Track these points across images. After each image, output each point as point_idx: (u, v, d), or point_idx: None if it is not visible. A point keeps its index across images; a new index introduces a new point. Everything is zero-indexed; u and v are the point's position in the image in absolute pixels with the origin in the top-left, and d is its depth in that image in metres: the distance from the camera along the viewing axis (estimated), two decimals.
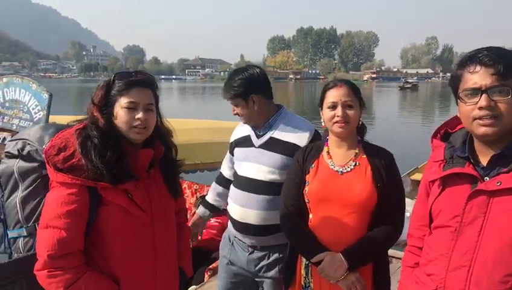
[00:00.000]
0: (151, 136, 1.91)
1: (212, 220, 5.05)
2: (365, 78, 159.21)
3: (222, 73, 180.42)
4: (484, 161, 1.55)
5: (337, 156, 2.21)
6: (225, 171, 3.00)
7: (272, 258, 2.59)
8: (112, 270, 1.82)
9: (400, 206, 2.18)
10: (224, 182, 2.98)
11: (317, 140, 2.44)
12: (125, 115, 1.81)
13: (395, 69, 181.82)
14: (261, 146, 2.59)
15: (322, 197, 2.15)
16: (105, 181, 1.74)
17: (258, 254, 2.62)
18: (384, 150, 2.24)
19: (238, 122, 2.86)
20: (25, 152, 2.28)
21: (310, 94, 66.93)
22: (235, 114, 2.64)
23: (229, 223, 2.79)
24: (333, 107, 2.14)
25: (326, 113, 2.16)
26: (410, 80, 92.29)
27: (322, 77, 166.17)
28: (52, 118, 3.54)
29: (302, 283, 2.25)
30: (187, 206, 6.02)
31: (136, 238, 1.85)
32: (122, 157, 1.79)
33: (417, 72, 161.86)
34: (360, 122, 2.23)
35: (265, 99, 2.60)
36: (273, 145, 2.55)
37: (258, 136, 2.63)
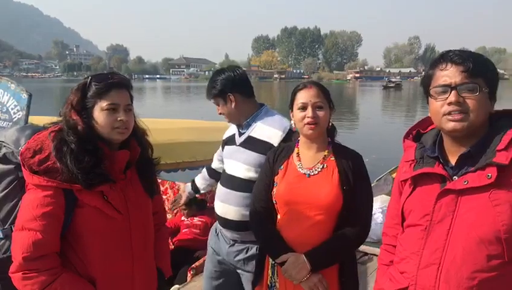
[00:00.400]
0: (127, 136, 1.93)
1: (196, 219, 5.08)
2: (349, 78, 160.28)
3: (207, 72, 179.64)
4: (453, 160, 1.60)
5: (306, 157, 2.23)
6: (215, 162, 3.14)
7: (249, 253, 2.67)
8: (88, 271, 1.82)
9: (367, 208, 2.21)
10: (211, 171, 3.18)
11: (290, 139, 2.47)
12: (106, 117, 1.82)
13: (378, 69, 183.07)
14: (241, 144, 2.68)
15: (289, 199, 2.17)
16: (80, 184, 1.75)
17: (237, 247, 2.72)
18: (353, 151, 2.27)
19: (222, 122, 2.99)
20: (0, 154, 2.25)
21: None
22: (220, 113, 2.75)
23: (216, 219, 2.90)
24: (303, 108, 2.15)
25: (296, 114, 2.18)
26: (393, 79, 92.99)
27: (307, 76, 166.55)
28: (33, 119, 3.50)
29: (268, 282, 2.29)
30: (168, 207, 6.04)
31: (113, 239, 1.86)
32: (99, 162, 1.80)
33: (400, 71, 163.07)
34: (330, 124, 2.25)
35: (244, 98, 2.68)
36: (250, 143, 2.63)
37: (240, 135, 2.72)
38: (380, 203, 4.98)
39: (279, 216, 2.23)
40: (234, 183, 2.65)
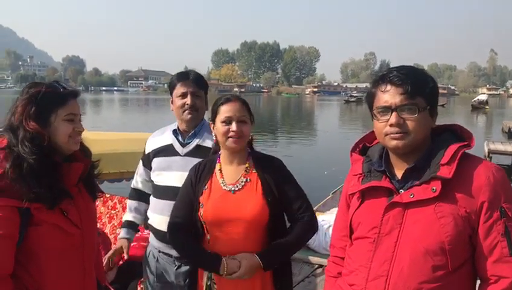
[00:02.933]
0: None
1: (145, 232, 4.92)
2: (307, 92, 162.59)
3: (165, 85, 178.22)
4: (399, 174, 1.65)
5: (228, 173, 2.25)
6: (139, 185, 2.93)
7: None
8: (40, 289, 1.75)
9: (305, 201, 2.25)
10: (140, 196, 2.93)
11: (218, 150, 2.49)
12: (66, 127, 1.78)
13: (336, 84, 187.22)
14: (187, 154, 2.60)
15: (217, 218, 2.16)
16: (42, 203, 1.67)
17: (185, 267, 2.57)
18: (272, 159, 2.32)
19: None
20: None
21: (255, 106, 67.03)
22: (192, 105, 2.60)
23: (152, 238, 2.75)
24: (228, 122, 2.17)
25: (219, 127, 2.19)
26: (354, 94, 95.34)
27: (266, 90, 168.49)
28: None
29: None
30: (118, 221, 5.88)
31: (67, 255, 1.80)
32: (59, 177, 1.75)
33: (356, 86, 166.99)
34: (251, 137, 2.30)
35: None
36: (199, 152, 2.57)
37: (183, 145, 2.64)
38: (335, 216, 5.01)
39: (208, 236, 2.21)
40: None
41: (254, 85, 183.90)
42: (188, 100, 2.58)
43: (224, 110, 2.19)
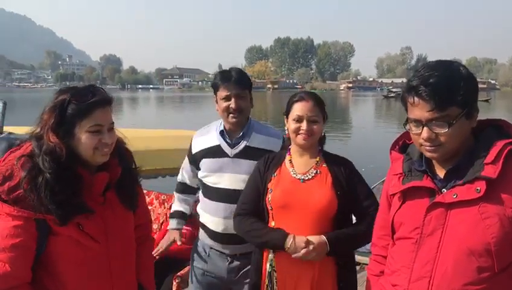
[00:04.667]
0: None
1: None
2: (341, 88, 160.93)
3: (200, 82, 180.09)
4: (441, 173, 1.60)
5: (298, 164, 2.28)
6: (186, 180, 2.96)
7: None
8: None
9: (374, 201, 2.22)
10: (188, 189, 2.99)
11: (287, 145, 2.49)
12: (89, 140, 1.67)
13: (371, 79, 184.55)
14: (237, 155, 2.60)
15: (284, 204, 2.19)
16: (54, 217, 1.62)
17: (237, 263, 2.64)
18: (343, 158, 2.33)
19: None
20: None
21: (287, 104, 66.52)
22: (236, 108, 2.56)
23: (203, 235, 2.76)
24: (299, 120, 2.19)
25: (291, 124, 2.23)
26: (394, 90, 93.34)
27: (300, 87, 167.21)
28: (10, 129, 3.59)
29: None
30: (155, 217, 5.97)
31: (89, 268, 1.74)
32: (77, 192, 1.67)
33: (392, 81, 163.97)
34: (322, 134, 2.30)
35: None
36: (248, 153, 2.58)
37: (231, 146, 2.63)
38: None
39: (273, 223, 2.23)
40: (235, 196, 2.49)
41: (287, 81, 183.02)
42: (232, 103, 2.55)
43: (296, 109, 2.22)
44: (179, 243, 2.89)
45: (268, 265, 2.23)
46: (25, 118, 3.46)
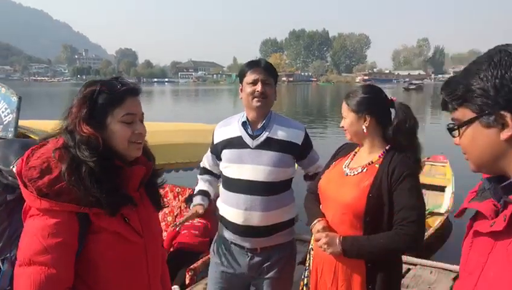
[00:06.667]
0: None
1: (195, 221, 4.94)
2: (357, 80, 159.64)
3: (215, 76, 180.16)
4: None
5: (358, 159, 2.32)
6: (208, 167, 2.94)
7: (272, 259, 2.63)
8: None
9: (415, 216, 2.05)
10: (210, 172, 2.95)
11: (308, 137, 2.70)
12: (123, 130, 1.58)
13: (387, 71, 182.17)
14: (258, 146, 2.59)
15: (323, 192, 2.33)
16: (102, 209, 1.51)
17: (258, 258, 2.63)
18: (404, 164, 2.13)
19: (212, 125, 2.92)
20: None
21: (303, 96, 66.99)
22: (262, 93, 2.57)
23: (222, 229, 2.73)
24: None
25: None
26: (414, 82, 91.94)
27: (315, 79, 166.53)
28: (25, 123, 3.59)
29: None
30: (170, 209, 6.01)
31: (129, 267, 1.63)
32: (121, 182, 1.59)
33: (409, 73, 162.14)
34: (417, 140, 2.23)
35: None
36: (270, 144, 2.58)
37: (253, 137, 2.61)
38: None
39: (321, 206, 2.39)
40: (257, 187, 2.52)
41: (302, 74, 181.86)
42: (258, 87, 2.56)
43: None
44: (200, 211, 2.76)
45: (310, 246, 2.51)
46: (42, 112, 3.50)
